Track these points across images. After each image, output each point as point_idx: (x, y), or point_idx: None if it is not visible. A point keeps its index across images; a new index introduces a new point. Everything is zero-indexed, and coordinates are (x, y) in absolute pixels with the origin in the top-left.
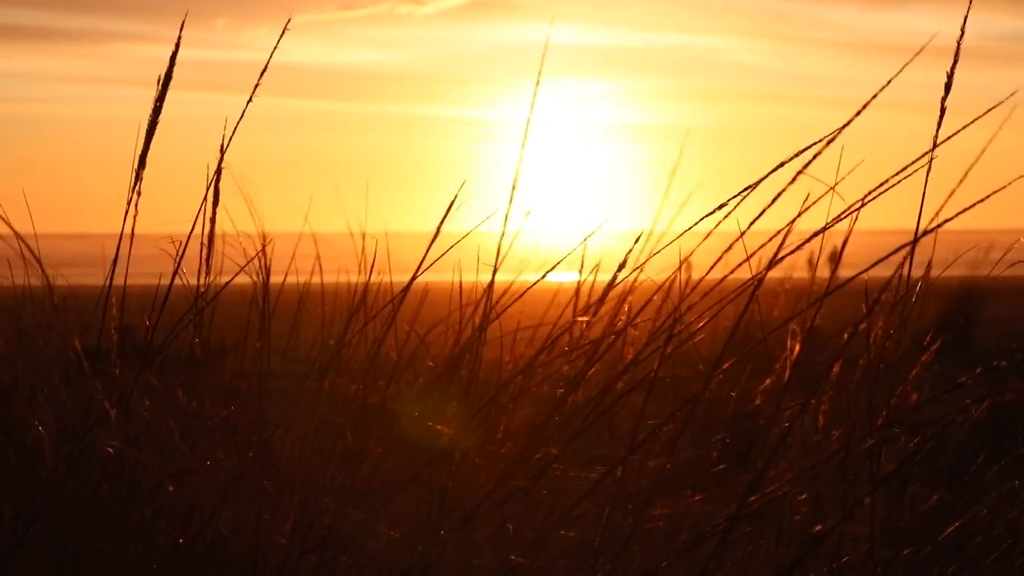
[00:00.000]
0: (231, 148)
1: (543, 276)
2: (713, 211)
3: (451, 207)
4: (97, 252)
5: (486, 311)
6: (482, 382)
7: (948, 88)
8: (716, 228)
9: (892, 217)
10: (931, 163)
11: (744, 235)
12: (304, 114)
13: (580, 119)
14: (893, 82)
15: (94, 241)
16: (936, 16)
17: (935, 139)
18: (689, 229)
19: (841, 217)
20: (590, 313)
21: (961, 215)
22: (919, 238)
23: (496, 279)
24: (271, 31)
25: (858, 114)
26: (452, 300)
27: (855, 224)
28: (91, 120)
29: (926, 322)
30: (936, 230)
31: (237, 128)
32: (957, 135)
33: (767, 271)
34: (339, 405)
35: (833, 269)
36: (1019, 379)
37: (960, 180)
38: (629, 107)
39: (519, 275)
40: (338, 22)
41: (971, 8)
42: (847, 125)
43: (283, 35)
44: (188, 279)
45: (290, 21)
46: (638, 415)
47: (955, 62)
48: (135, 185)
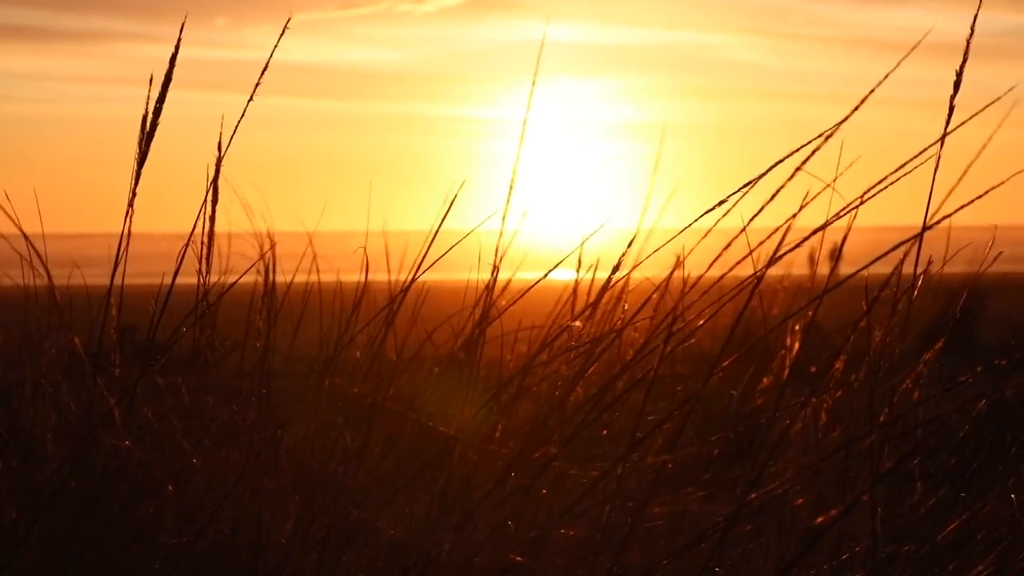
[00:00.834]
0: (231, 147)
1: (545, 275)
2: (712, 208)
3: (450, 207)
4: (99, 252)
5: (486, 309)
6: (482, 380)
7: (957, 86)
8: (715, 225)
9: (893, 213)
10: (939, 159)
11: (743, 232)
12: (304, 113)
13: (578, 117)
14: (890, 78)
15: (96, 240)
16: (933, 12)
17: (943, 136)
18: (689, 226)
19: (841, 214)
20: (589, 312)
21: (961, 211)
22: (923, 232)
23: (496, 278)
24: (271, 30)
25: (855, 110)
26: (453, 299)
27: (855, 221)
28: (91, 120)
29: (928, 319)
30: (935, 225)
31: (237, 127)
32: (957, 131)
33: (767, 268)
34: (339, 405)
35: (833, 266)
36: (1021, 375)
37: (961, 176)
38: (627, 104)
39: (516, 272)
40: (338, 21)
41: (972, 4)
42: (844, 121)
43: (283, 34)
44: (191, 278)
45: (290, 20)
46: (638, 413)
47: (964, 60)
48: (135, 185)
